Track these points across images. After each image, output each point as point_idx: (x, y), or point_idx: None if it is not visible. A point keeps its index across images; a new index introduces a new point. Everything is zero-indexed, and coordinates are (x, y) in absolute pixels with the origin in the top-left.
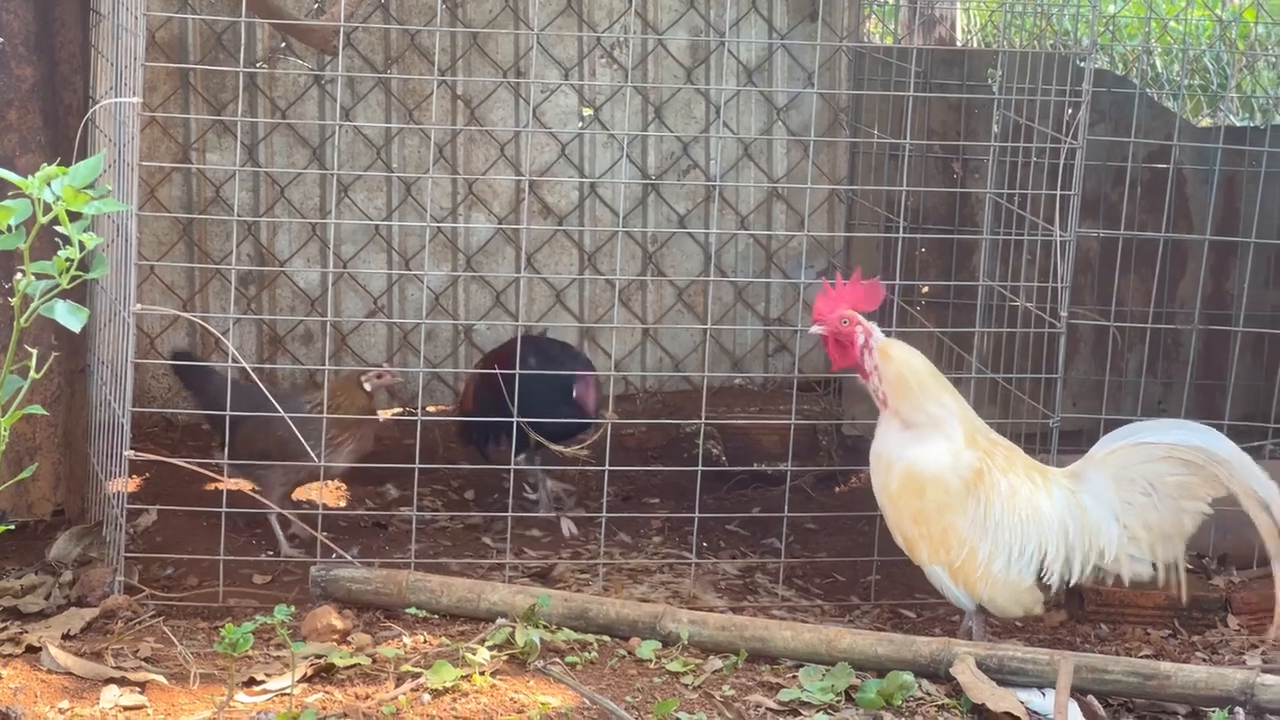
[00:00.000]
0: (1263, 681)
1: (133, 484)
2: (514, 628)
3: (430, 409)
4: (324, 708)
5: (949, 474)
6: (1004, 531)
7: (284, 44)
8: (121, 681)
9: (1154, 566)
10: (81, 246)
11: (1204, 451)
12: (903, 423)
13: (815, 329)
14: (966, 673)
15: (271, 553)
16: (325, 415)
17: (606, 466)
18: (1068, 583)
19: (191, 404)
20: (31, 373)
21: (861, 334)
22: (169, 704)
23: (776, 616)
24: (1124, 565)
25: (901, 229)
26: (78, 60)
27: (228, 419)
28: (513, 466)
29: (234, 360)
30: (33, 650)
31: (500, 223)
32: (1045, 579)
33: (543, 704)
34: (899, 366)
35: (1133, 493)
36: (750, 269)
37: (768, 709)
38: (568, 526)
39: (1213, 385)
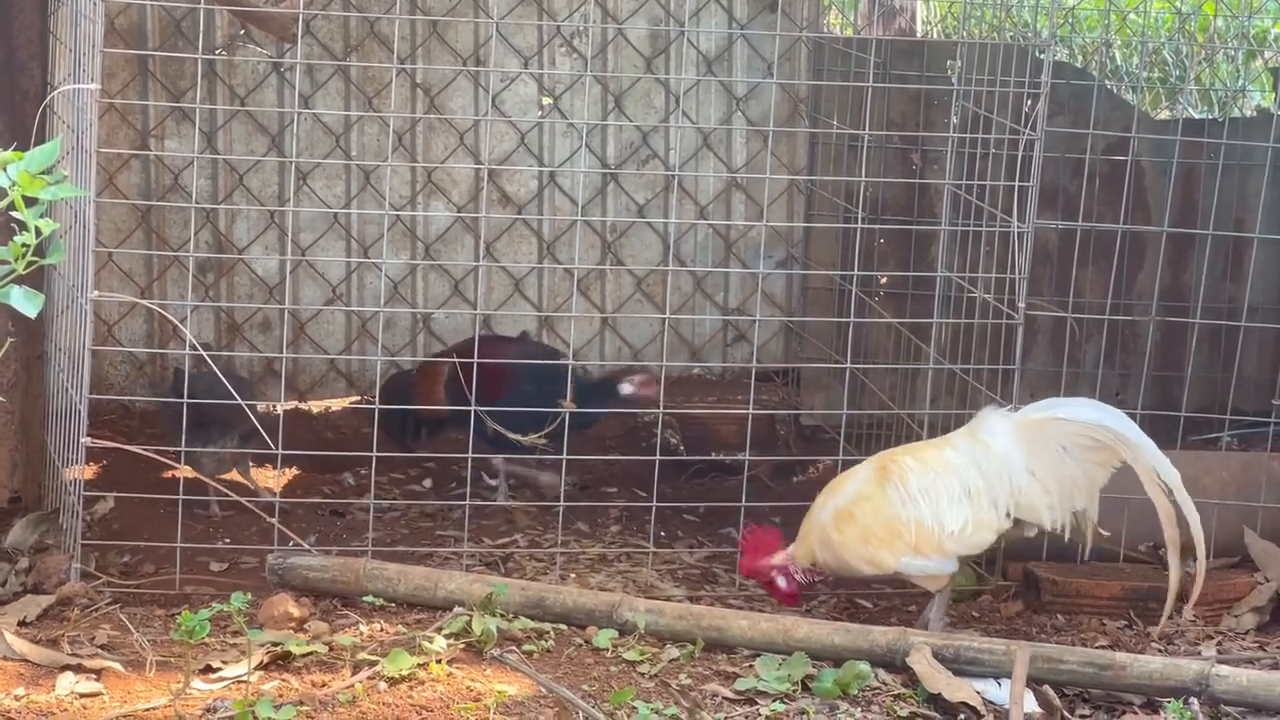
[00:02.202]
0: (1218, 672)
1: (90, 471)
2: (471, 616)
3: None
4: (280, 695)
5: (862, 486)
6: (931, 493)
7: (243, 31)
8: (78, 669)
9: (1073, 515)
10: (38, 232)
11: (1114, 432)
12: None
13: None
14: (923, 662)
15: (228, 540)
16: (282, 404)
17: (564, 455)
18: (1003, 510)
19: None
20: None
21: (781, 576)
22: (125, 691)
23: (733, 605)
24: (1043, 515)
25: (860, 219)
26: (35, 46)
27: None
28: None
29: (191, 347)
30: None
31: (459, 211)
32: (983, 509)
33: (499, 692)
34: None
35: (1047, 451)
36: (709, 259)
37: (724, 698)
38: (521, 516)
39: (1170, 377)
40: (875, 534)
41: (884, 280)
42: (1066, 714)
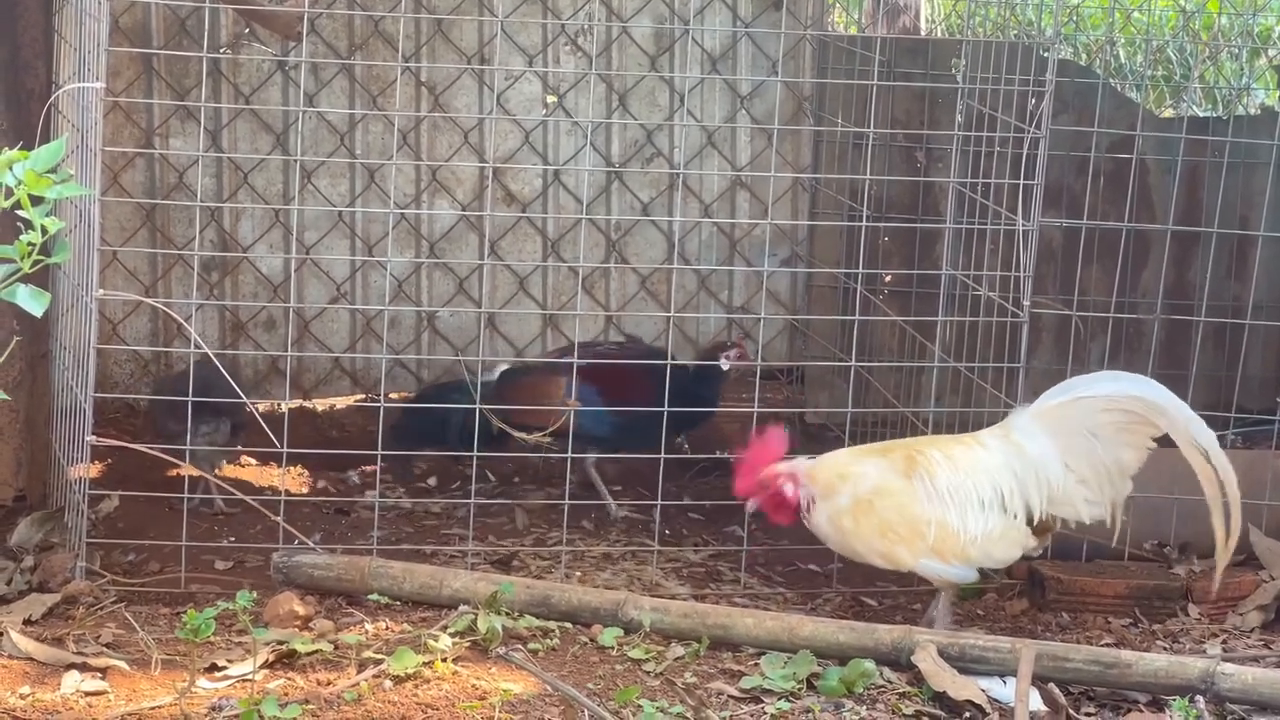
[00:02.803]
0: (1223, 670)
1: (95, 469)
2: (476, 614)
3: (393, 395)
4: (286, 694)
5: (886, 477)
6: (960, 492)
7: (247, 30)
8: (83, 667)
9: (1106, 507)
10: (43, 231)
11: (1142, 400)
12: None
13: (749, 505)
14: (928, 660)
15: (233, 538)
16: (287, 402)
17: (569, 454)
18: (1033, 519)
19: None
20: None
21: (788, 484)
22: (130, 689)
23: (739, 604)
24: (1081, 509)
25: (865, 218)
26: (40, 45)
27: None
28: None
29: (196, 346)
30: None
31: (464, 210)
32: (1014, 517)
33: (504, 690)
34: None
35: (1075, 439)
36: (714, 257)
37: (729, 696)
38: (521, 518)
39: (1174, 375)
40: (895, 529)
41: (889, 278)
42: (1072, 712)
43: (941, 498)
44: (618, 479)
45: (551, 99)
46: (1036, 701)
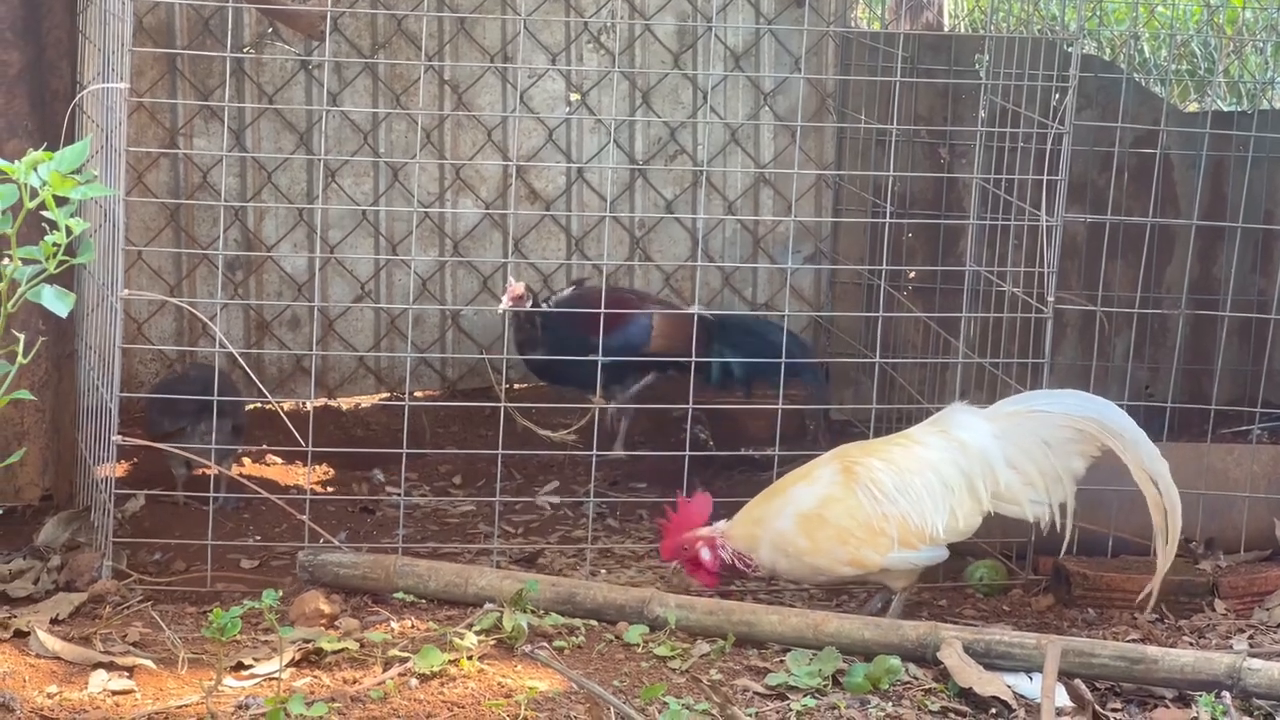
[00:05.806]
0: (1249, 666)
1: (121, 469)
2: (501, 612)
3: (418, 394)
4: (312, 692)
5: (826, 489)
6: (911, 491)
7: (271, 29)
8: (110, 666)
9: (1051, 508)
10: (68, 231)
11: (1098, 423)
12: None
13: (673, 565)
14: (954, 657)
15: (259, 537)
16: (312, 401)
17: (594, 451)
18: (985, 508)
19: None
20: (19, 357)
21: (705, 547)
22: (157, 688)
23: (763, 601)
24: (1026, 507)
25: (888, 214)
26: (65, 45)
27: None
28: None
29: (221, 345)
30: (21, 635)
31: (488, 208)
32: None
33: (530, 688)
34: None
35: (1028, 444)
36: (738, 254)
37: (755, 693)
38: (546, 501)
39: (1200, 370)
40: (854, 534)
41: (912, 275)
42: (1098, 708)
43: (893, 499)
44: (644, 476)
45: (575, 97)
46: (1063, 697)
